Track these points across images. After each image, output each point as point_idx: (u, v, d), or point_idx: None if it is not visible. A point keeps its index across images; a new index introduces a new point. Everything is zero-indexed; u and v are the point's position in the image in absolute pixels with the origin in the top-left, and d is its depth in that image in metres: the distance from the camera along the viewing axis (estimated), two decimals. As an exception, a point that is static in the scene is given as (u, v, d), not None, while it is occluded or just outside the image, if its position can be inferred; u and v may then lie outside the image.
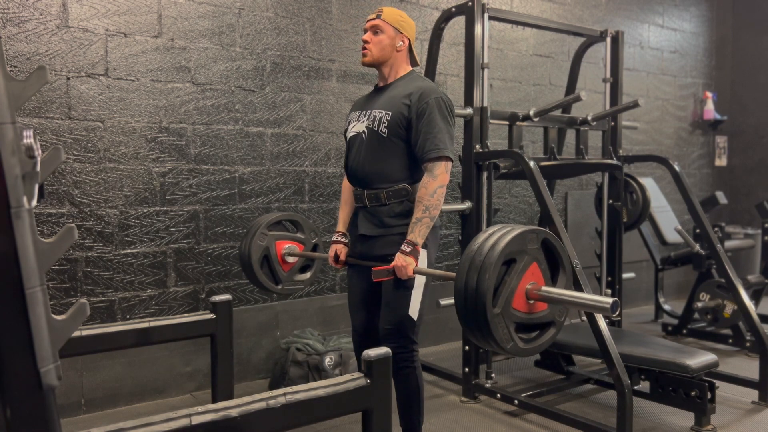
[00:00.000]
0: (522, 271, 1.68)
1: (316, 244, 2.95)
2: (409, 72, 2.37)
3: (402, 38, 2.31)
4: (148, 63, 3.12)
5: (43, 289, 1.10)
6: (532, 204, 4.62)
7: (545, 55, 4.74)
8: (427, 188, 2.15)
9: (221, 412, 1.51)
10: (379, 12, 2.31)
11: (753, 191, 6.16)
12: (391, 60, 2.33)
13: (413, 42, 2.37)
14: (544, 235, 1.73)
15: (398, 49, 2.31)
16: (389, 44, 2.30)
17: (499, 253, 1.63)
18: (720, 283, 3.94)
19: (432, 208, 2.15)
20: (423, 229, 2.14)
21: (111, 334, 2.37)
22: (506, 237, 1.67)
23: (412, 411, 2.35)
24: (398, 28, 2.30)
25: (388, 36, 2.29)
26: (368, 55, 2.31)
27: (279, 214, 2.89)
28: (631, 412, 2.45)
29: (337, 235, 2.50)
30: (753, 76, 6.15)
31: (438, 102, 2.20)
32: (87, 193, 2.98)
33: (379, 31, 2.29)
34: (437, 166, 2.17)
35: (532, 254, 1.70)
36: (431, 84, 2.29)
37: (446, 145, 2.19)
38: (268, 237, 2.82)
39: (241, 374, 3.41)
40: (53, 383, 1.10)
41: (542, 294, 1.69)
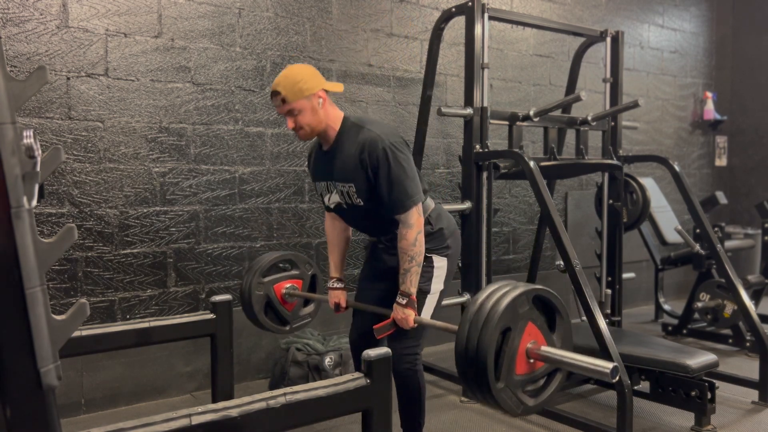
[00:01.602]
0: (519, 336, 1.70)
1: (314, 274, 2.98)
2: (343, 121, 2.20)
3: (316, 99, 2.11)
4: (148, 63, 3.12)
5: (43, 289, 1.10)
6: (532, 204, 4.62)
7: (545, 55, 4.74)
8: (408, 239, 2.12)
9: (221, 412, 1.51)
10: (279, 96, 2.09)
11: (753, 191, 6.16)
12: (323, 125, 2.17)
13: (323, 84, 2.14)
14: (533, 293, 1.75)
15: (322, 109, 2.14)
16: (311, 117, 2.12)
17: (493, 329, 1.65)
18: (720, 283, 3.93)
19: (417, 256, 2.14)
20: (414, 278, 2.15)
21: (111, 334, 2.37)
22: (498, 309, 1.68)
23: (414, 412, 2.35)
24: (307, 95, 2.09)
25: (306, 109, 2.11)
26: (305, 135, 2.17)
27: (272, 258, 2.91)
28: (631, 412, 2.45)
29: (332, 281, 2.49)
30: (753, 76, 6.15)
31: (385, 152, 2.07)
32: (87, 193, 2.98)
33: (295, 112, 2.10)
34: (409, 215, 2.12)
35: (526, 316, 1.73)
36: (372, 131, 2.12)
37: (410, 194, 2.10)
38: (264, 284, 2.86)
39: (241, 374, 3.41)
40: (53, 383, 1.10)
41: (542, 354, 1.72)
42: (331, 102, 2.20)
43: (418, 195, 2.13)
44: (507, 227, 4.55)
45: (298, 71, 2.11)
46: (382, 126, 2.18)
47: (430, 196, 2.39)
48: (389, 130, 2.17)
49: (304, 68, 2.14)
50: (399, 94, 3.97)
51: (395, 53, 3.95)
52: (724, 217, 6.19)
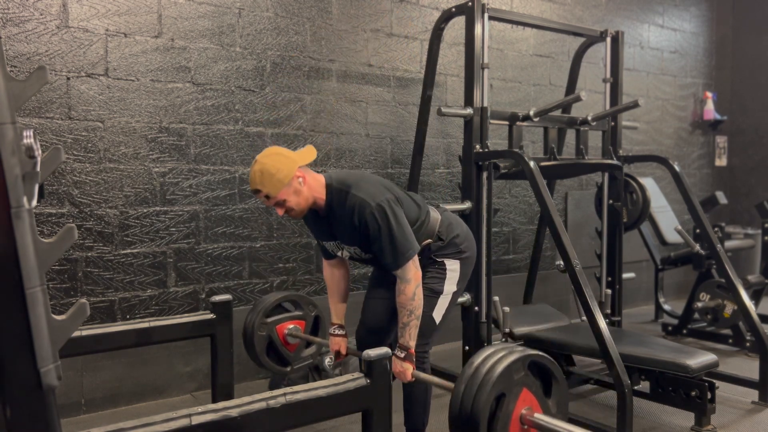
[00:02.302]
0: (513, 402, 1.72)
1: (317, 316, 2.99)
2: (328, 190, 2.21)
3: (296, 180, 2.12)
4: (148, 63, 3.12)
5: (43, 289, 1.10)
6: (532, 204, 4.62)
7: (545, 55, 4.74)
8: (406, 294, 2.14)
9: (221, 412, 1.51)
10: (262, 194, 2.12)
11: (753, 191, 6.16)
12: (311, 199, 2.19)
13: (297, 161, 2.15)
14: (529, 359, 1.76)
15: (305, 186, 2.16)
16: (297, 198, 2.14)
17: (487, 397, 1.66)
18: (720, 283, 3.93)
19: (416, 309, 2.16)
20: (413, 331, 2.17)
21: (111, 334, 2.38)
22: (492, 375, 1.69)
23: (418, 411, 2.35)
24: (287, 182, 2.10)
25: (290, 194, 2.13)
26: (297, 215, 2.21)
27: (276, 298, 2.93)
28: (631, 412, 2.45)
29: (334, 328, 2.51)
30: (753, 76, 6.15)
31: (373, 216, 2.10)
32: (87, 193, 2.98)
33: (282, 202, 2.14)
34: (405, 271, 2.14)
35: (521, 382, 1.74)
36: (357, 197, 2.13)
37: (402, 251, 2.12)
38: (267, 325, 2.89)
39: (241, 374, 3.41)
40: (53, 383, 1.10)
41: (535, 421, 1.73)
42: (310, 172, 2.20)
43: (412, 249, 2.15)
44: (507, 227, 4.55)
45: (270, 164, 2.09)
46: (367, 185, 2.17)
47: (434, 207, 2.42)
48: (374, 189, 2.16)
49: (275, 157, 2.12)
50: (399, 94, 3.97)
51: (395, 53, 3.95)
52: (724, 217, 6.19)
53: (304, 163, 2.17)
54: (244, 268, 3.43)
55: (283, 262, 3.56)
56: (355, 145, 3.80)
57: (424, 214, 2.33)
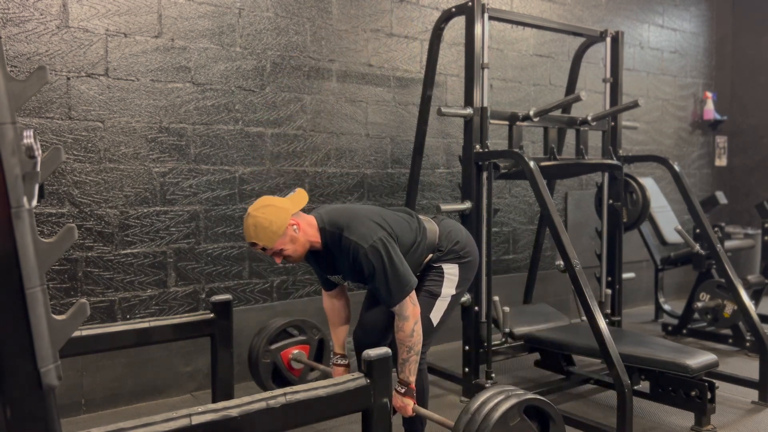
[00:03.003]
0: None
1: (321, 339, 2.99)
2: (322, 234, 2.21)
3: (291, 229, 2.14)
4: (148, 63, 3.12)
5: (43, 289, 1.10)
6: (532, 204, 4.62)
7: (545, 55, 4.74)
8: (405, 331, 2.14)
9: (221, 412, 1.51)
10: (259, 247, 2.14)
11: (753, 191, 6.16)
12: (307, 244, 2.20)
13: (290, 209, 2.16)
14: (525, 404, 1.77)
15: (300, 232, 2.17)
16: (294, 246, 2.16)
17: None
18: (720, 283, 3.93)
19: (415, 345, 2.16)
20: (412, 367, 2.17)
21: (111, 334, 2.38)
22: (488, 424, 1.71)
23: None
24: (281, 233, 2.11)
25: (286, 243, 2.14)
26: (296, 260, 2.22)
27: (279, 324, 2.95)
28: (631, 412, 2.45)
29: (336, 357, 2.54)
30: (753, 76, 6.15)
31: (366, 256, 2.11)
32: (87, 193, 2.98)
33: (279, 252, 2.16)
34: (403, 308, 2.13)
35: (516, 428, 1.75)
36: (348, 239, 2.14)
37: (397, 289, 2.12)
38: (272, 352, 2.90)
39: (241, 374, 3.41)
40: (53, 383, 1.10)
41: None
42: (301, 215, 2.21)
43: (408, 286, 2.14)
44: (507, 227, 4.55)
45: (263, 217, 2.10)
46: (358, 224, 2.16)
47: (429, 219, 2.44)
48: (365, 229, 2.15)
49: (267, 209, 2.12)
50: (399, 94, 3.97)
51: (395, 53, 3.95)
52: (724, 217, 6.19)
53: (296, 210, 2.18)
54: (244, 268, 3.43)
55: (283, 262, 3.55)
56: (355, 145, 3.80)
57: (420, 235, 2.33)
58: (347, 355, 2.56)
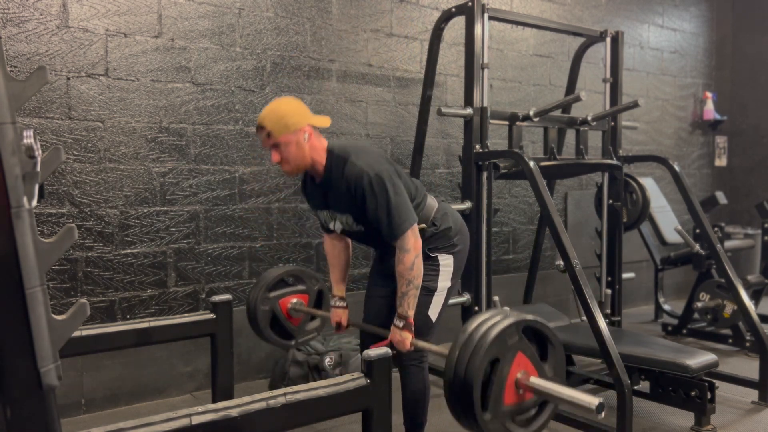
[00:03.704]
0: (508, 366, 1.69)
1: (320, 290, 2.98)
2: (328, 156, 2.18)
3: (302, 133, 2.10)
4: (148, 63, 3.12)
5: (43, 289, 1.10)
6: (532, 204, 4.62)
7: (545, 55, 4.74)
8: (405, 263, 2.11)
9: (221, 412, 1.51)
10: (265, 131, 2.09)
11: (753, 191, 6.16)
12: (309, 159, 2.16)
13: (309, 119, 2.14)
14: (524, 324, 1.74)
15: (308, 143, 2.13)
16: (296, 152, 2.11)
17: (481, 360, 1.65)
18: (720, 283, 3.93)
19: (415, 279, 2.13)
20: (411, 301, 2.15)
21: (111, 334, 2.37)
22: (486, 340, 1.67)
23: (417, 410, 2.35)
24: (293, 130, 2.08)
25: (291, 143, 2.09)
26: (290, 171, 2.16)
27: (278, 273, 2.91)
28: (631, 412, 2.45)
29: (335, 300, 2.51)
30: (753, 76, 6.15)
31: (371, 184, 2.07)
32: (87, 193, 2.98)
33: (280, 146, 2.09)
34: (404, 240, 2.11)
35: (515, 347, 1.72)
36: (355, 165, 2.11)
37: (400, 221, 2.09)
38: (270, 300, 2.86)
39: (241, 374, 3.41)
40: (53, 383, 1.10)
41: (530, 385, 1.71)
42: (319, 135, 2.19)
43: (410, 219, 2.12)
44: (507, 227, 4.55)
45: (284, 106, 2.10)
46: (366, 155, 2.15)
47: (432, 196, 2.40)
48: (373, 158, 2.14)
49: (291, 102, 2.13)
50: (399, 94, 3.97)
51: (395, 53, 3.95)
52: (724, 217, 6.19)
53: (316, 124, 2.16)
54: (244, 268, 3.43)
55: (283, 262, 3.56)
56: (355, 145, 3.80)
57: (421, 197, 2.31)
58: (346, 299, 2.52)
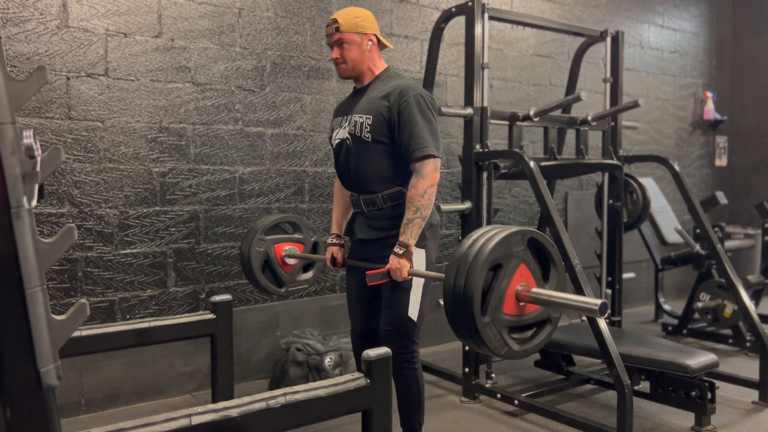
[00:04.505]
0: (509, 275, 1.64)
1: (316, 242, 2.94)
2: (385, 70, 2.33)
3: (367, 39, 2.25)
4: (148, 63, 3.12)
5: (43, 289, 1.10)
6: (532, 204, 4.62)
7: (545, 55, 4.74)
8: (417, 188, 2.11)
9: (221, 412, 1.51)
10: (335, 24, 2.22)
11: (753, 191, 6.16)
12: (366, 63, 2.28)
13: (378, 33, 2.29)
14: (529, 235, 1.69)
15: (370, 52, 2.27)
16: (359, 53, 2.24)
17: (483, 261, 1.59)
18: (720, 283, 3.93)
19: (423, 208, 2.11)
20: (415, 230, 2.12)
21: (111, 334, 2.37)
22: (490, 243, 1.61)
23: (413, 411, 2.35)
24: (361, 31, 2.23)
25: (355, 44, 2.23)
26: (344, 70, 2.27)
27: (275, 218, 2.86)
28: (631, 412, 2.45)
29: (331, 237, 2.50)
30: (753, 76, 6.15)
31: (417, 99, 2.14)
32: (87, 193, 2.98)
33: (345, 43, 2.22)
34: (425, 165, 2.12)
35: (519, 256, 1.66)
36: (408, 81, 2.23)
37: (430, 143, 2.13)
38: (266, 242, 2.81)
39: (241, 374, 3.41)
40: (53, 383, 1.10)
41: (531, 296, 1.66)
42: (380, 53, 2.33)
43: (438, 150, 2.16)
44: (507, 227, 4.55)
45: (360, 10, 2.26)
46: (420, 84, 2.27)
47: None
48: (425, 90, 2.24)
49: (367, 12, 2.28)
50: (399, 94, 3.97)
51: (395, 53, 3.95)
52: (724, 217, 6.19)
53: (383, 41, 2.32)
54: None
55: (283, 262, 3.56)
56: (355, 145, 3.80)
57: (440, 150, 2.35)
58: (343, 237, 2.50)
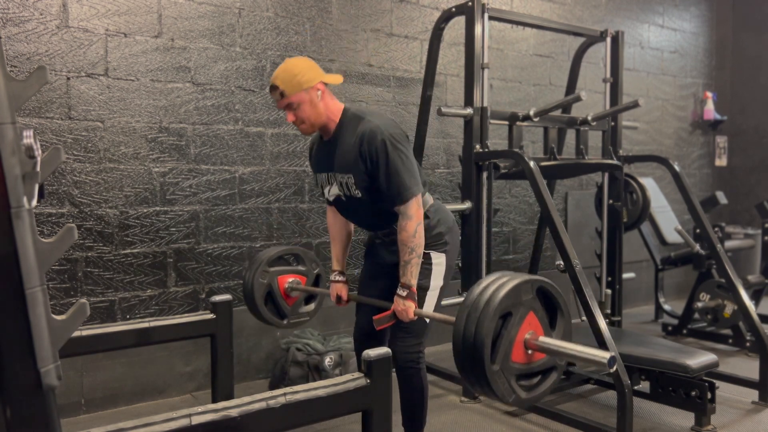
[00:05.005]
0: (518, 323, 1.67)
1: (318, 274, 2.98)
2: (344, 113, 2.21)
3: (314, 90, 2.12)
4: (148, 63, 3.12)
5: (43, 289, 1.10)
6: (532, 204, 4.62)
7: (545, 55, 4.74)
8: (408, 230, 2.12)
9: (221, 412, 1.51)
10: (278, 90, 2.10)
11: (753, 191, 6.16)
12: (324, 117, 2.18)
13: (322, 77, 2.15)
14: (538, 284, 1.73)
15: (322, 101, 2.15)
16: (311, 110, 2.13)
17: (494, 310, 1.62)
18: (720, 283, 3.93)
19: (417, 248, 2.14)
20: (414, 269, 2.15)
21: (111, 334, 2.37)
22: (500, 292, 1.65)
23: (416, 411, 2.35)
24: (306, 87, 2.10)
25: (305, 102, 2.11)
26: (306, 129, 2.18)
27: (279, 250, 2.91)
28: (631, 412, 2.45)
29: (334, 274, 2.50)
30: (753, 76, 6.15)
31: (384, 143, 2.07)
32: (87, 193, 2.98)
33: (294, 106, 2.11)
34: (409, 207, 2.12)
35: (528, 305, 1.70)
36: (370, 123, 2.12)
37: (408, 185, 2.10)
38: (269, 274, 2.85)
39: (241, 374, 3.41)
40: (53, 383, 1.10)
41: (540, 345, 1.69)
42: (331, 94, 2.21)
43: (417, 187, 2.13)
44: (507, 227, 4.55)
45: (296, 64, 2.11)
46: (383, 118, 2.18)
47: (428, 193, 2.40)
48: (389, 122, 2.17)
49: (303, 61, 2.14)
50: (399, 94, 3.97)
51: (395, 53, 3.95)
52: (724, 217, 6.19)
53: (329, 82, 2.18)
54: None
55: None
56: (355, 145, 3.80)
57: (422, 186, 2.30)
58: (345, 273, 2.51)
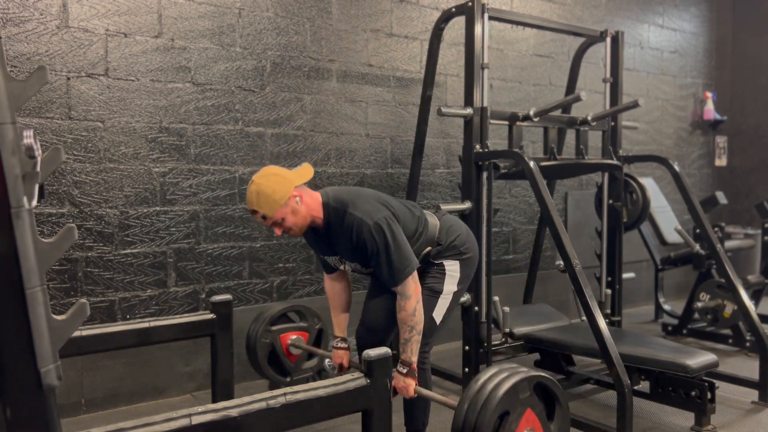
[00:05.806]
0: (516, 422, 1.71)
1: (321, 329, 3.00)
2: (324, 207, 2.22)
3: (293, 199, 2.13)
4: (148, 63, 3.12)
5: (43, 289, 1.10)
6: (532, 204, 4.62)
7: (545, 55, 4.74)
8: (407, 309, 2.16)
9: (221, 412, 1.51)
10: (259, 214, 2.12)
11: (753, 191, 6.16)
12: (309, 218, 2.20)
13: (294, 182, 2.15)
14: (536, 380, 1.75)
15: (302, 205, 2.16)
16: (294, 218, 2.15)
17: (491, 412, 1.65)
18: (720, 283, 3.93)
19: (417, 325, 2.17)
20: (414, 347, 2.18)
21: (111, 334, 2.38)
22: (498, 392, 1.68)
23: (419, 411, 2.36)
24: (283, 203, 2.11)
25: (287, 214, 2.13)
26: (296, 233, 2.22)
27: (282, 307, 2.95)
28: (631, 412, 2.45)
29: (336, 341, 2.53)
30: (753, 76, 6.15)
31: (371, 234, 2.11)
32: (87, 193, 2.98)
33: (279, 222, 2.14)
34: (406, 287, 2.15)
35: (525, 402, 1.73)
36: (354, 216, 2.14)
37: (401, 268, 2.14)
38: (271, 333, 2.89)
39: (241, 374, 3.41)
40: (53, 383, 1.10)
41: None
42: (306, 189, 2.21)
43: (411, 266, 2.16)
44: (507, 227, 4.55)
45: (266, 184, 2.10)
46: (362, 202, 2.18)
47: (431, 213, 2.43)
48: (371, 207, 2.17)
49: (271, 178, 2.12)
50: (399, 94, 3.97)
51: (395, 53, 3.95)
52: (724, 217, 6.19)
53: (301, 182, 2.18)
54: (244, 268, 3.43)
55: (283, 262, 3.56)
56: (355, 145, 3.80)
57: (422, 225, 2.34)
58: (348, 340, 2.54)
